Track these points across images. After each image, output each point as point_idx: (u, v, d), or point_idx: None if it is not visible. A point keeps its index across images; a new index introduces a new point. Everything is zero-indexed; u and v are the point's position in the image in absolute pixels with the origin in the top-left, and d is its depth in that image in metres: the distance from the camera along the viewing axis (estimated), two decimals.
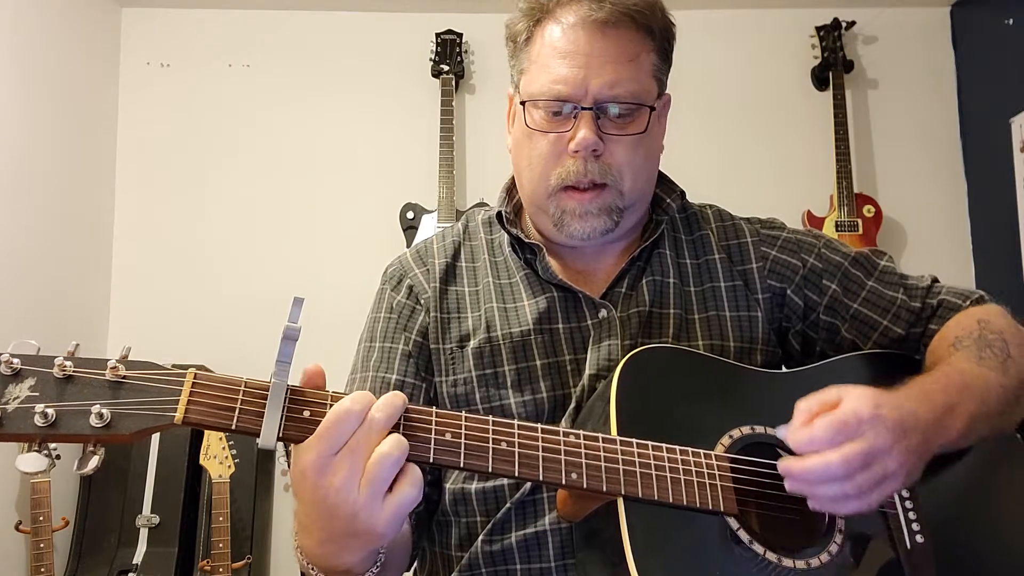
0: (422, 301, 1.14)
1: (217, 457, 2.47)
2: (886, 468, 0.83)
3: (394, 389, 1.07)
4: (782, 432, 0.86)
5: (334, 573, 0.82)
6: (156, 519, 2.62)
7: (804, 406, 0.86)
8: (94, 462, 0.74)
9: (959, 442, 0.91)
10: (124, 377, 0.74)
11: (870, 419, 0.83)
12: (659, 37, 1.07)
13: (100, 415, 0.72)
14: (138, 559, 2.57)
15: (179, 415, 0.74)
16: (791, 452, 0.95)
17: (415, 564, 1.14)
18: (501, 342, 1.08)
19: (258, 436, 0.75)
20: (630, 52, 1.04)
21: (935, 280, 1.15)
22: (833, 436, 0.82)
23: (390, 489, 0.75)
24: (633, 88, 1.04)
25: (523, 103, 1.08)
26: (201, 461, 2.49)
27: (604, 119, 1.04)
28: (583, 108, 1.03)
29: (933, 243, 3.10)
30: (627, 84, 1.03)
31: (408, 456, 0.76)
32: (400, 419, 0.79)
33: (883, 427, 0.83)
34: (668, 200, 1.17)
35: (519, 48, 1.11)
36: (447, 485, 1.09)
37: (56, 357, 0.74)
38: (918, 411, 0.88)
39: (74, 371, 0.74)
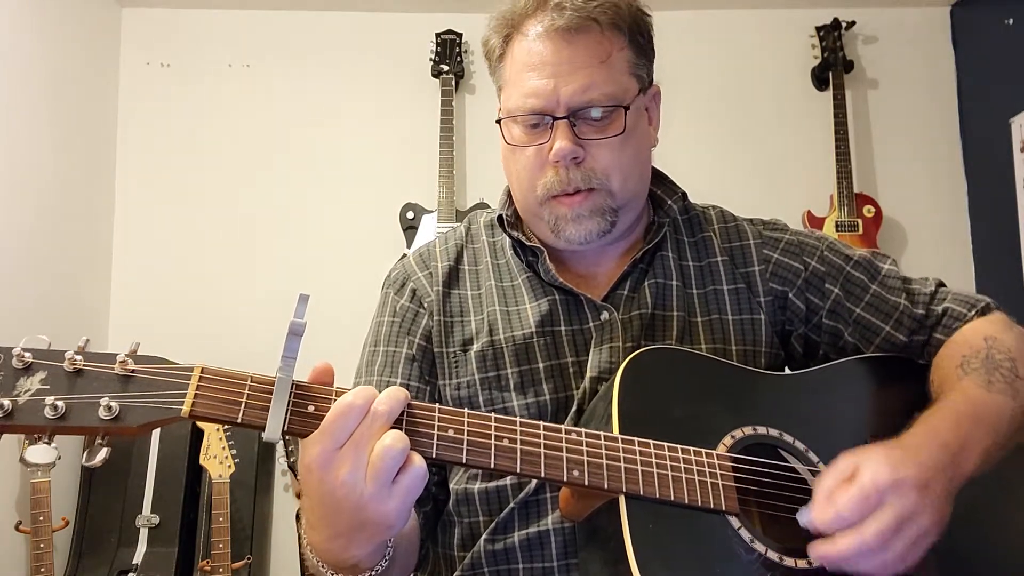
0: (425, 305, 1.14)
1: (217, 457, 2.47)
2: (919, 528, 0.82)
3: None
4: (804, 518, 0.84)
5: (343, 568, 0.82)
6: (156, 519, 2.62)
7: (822, 487, 0.85)
8: (102, 454, 0.76)
9: (974, 473, 0.90)
10: (133, 371, 0.76)
11: (892, 485, 0.82)
12: (629, 32, 1.07)
13: (109, 408, 0.74)
14: (138, 559, 2.57)
15: (186, 408, 0.75)
16: (792, 453, 0.95)
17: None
18: (504, 345, 1.08)
19: (263, 430, 0.76)
20: (599, 54, 1.03)
21: (940, 284, 1.15)
22: (858, 511, 0.81)
23: (395, 480, 0.76)
24: (608, 90, 1.03)
25: (499, 121, 1.09)
26: (201, 461, 2.48)
27: (581, 124, 1.04)
28: (556, 118, 1.03)
29: (933, 243, 3.10)
30: (600, 87, 1.03)
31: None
32: (403, 415, 0.79)
33: (906, 490, 0.82)
34: (670, 202, 1.17)
35: (495, 66, 1.13)
36: (451, 485, 1.09)
37: (67, 351, 0.75)
38: (934, 458, 0.86)
39: (84, 365, 0.75)
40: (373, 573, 0.84)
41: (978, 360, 1.00)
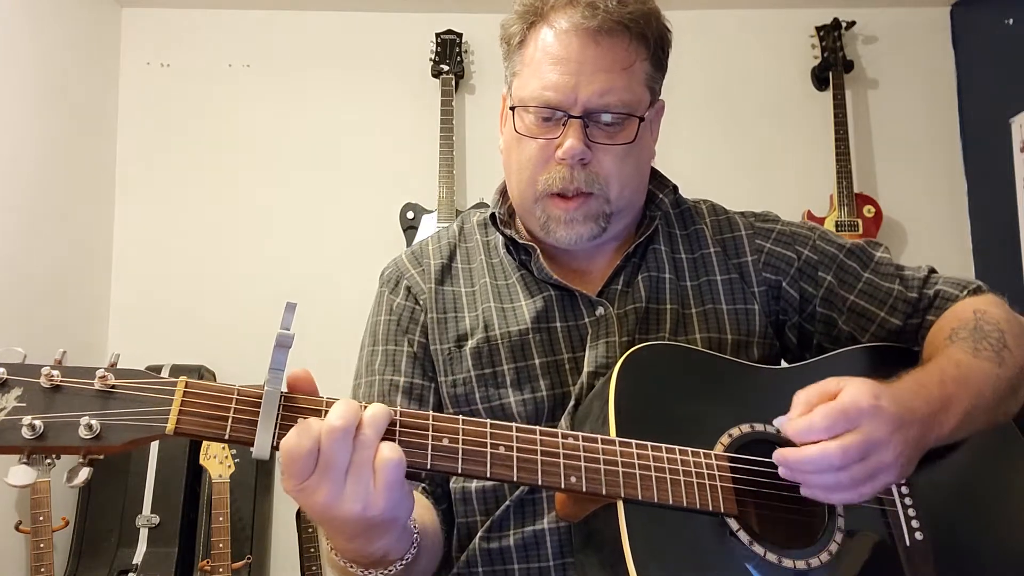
0: (421, 301, 1.14)
1: (217, 457, 2.47)
2: (882, 460, 0.83)
3: (403, 391, 1.08)
4: (780, 422, 0.86)
5: (373, 562, 0.83)
6: (156, 519, 2.62)
7: (803, 397, 0.86)
8: (83, 475, 0.72)
9: (954, 435, 0.92)
10: (113, 386, 0.72)
11: (869, 410, 0.83)
12: (653, 45, 1.07)
13: (90, 426, 0.70)
14: (138, 559, 2.57)
15: (171, 425, 0.72)
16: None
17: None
18: (499, 341, 1.08)
19: (252, 446, 0.74)
20: (623, 61, 1.03)
21: (932, 270, 1.15)
22: (831, 425, 0.82)
23: (374, 483, 0.74)
24: (624, 97, 1.03)
25: (513, 108, 1.07)
26: (201, 461, 2.49)
27: (593, 127, 1.03)
28: (572, 116, 1.02)
29: (933, 243, 3.09)
30: (618, 93, 1.03)
31: (406, 463, 0.76)
32: (396, 425, 0.79)
33: (881, 419, 0.83)
34: (661, 195, 1.17)
35: (512, 50, 1.10)
36: (450, 484, 1.09)
37: (43, 366, 0.71)
38: (915, 404, 0.87)
39: (61, 380, 0.71)
40: (403, 561, 0.84)
41: (966, 330, 1.01)
